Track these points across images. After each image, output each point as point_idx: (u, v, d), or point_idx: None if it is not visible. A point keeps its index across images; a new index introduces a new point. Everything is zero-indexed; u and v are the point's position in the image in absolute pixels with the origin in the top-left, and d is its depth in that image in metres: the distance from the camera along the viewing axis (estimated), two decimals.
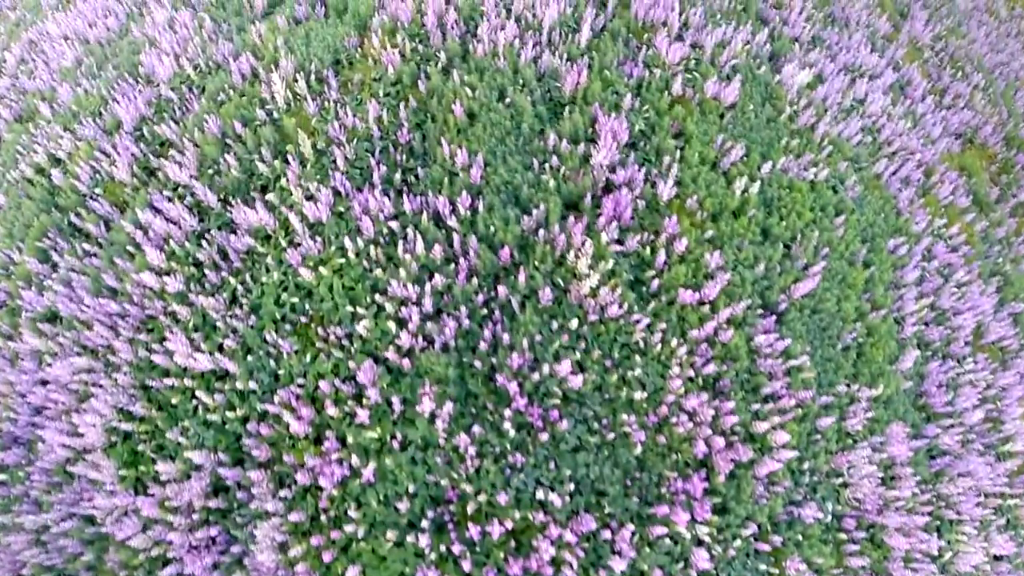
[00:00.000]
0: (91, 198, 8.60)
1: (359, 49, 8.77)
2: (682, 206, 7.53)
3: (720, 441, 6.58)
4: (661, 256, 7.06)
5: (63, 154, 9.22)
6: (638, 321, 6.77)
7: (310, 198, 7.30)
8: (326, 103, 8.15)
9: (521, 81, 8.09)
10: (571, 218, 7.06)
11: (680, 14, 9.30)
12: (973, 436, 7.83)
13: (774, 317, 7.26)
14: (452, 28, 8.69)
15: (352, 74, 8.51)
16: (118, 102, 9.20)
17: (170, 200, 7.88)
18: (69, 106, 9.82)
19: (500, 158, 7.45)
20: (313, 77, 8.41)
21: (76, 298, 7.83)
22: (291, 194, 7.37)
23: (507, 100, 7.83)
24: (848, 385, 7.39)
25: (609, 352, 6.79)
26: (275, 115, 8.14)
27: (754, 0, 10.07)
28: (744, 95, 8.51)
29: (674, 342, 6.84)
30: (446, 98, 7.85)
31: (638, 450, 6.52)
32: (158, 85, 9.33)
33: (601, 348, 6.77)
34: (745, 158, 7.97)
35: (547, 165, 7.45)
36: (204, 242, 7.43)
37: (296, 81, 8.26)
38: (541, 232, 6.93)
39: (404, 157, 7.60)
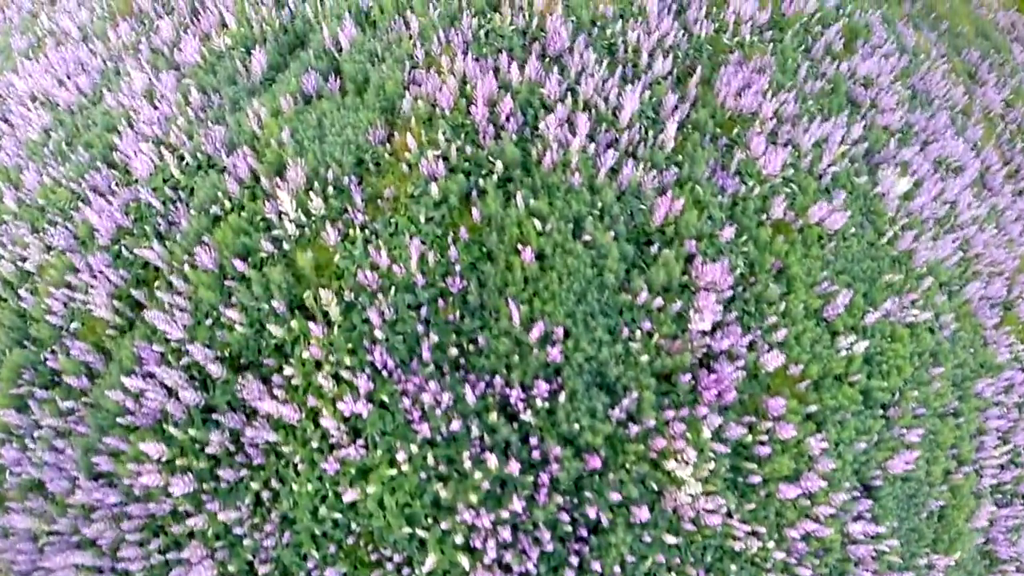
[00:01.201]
0: (67, 333, 6.03)
1: (388, 145, 6.02)
2: (786, 375, 5.65)
3: None
4: (764, 446, 5.29)
5: (32, 266, 6.48)
6: (736, 526, 5.14)
7: (339, 378, 5.02)
8: (351, 229, 5.59)
9: (600, 205, 5.68)
10: (668, 410, 5.10)
11: (771, 97, 6.75)
12: None
13: (869, 500, 5.75)
14: (507, 121, 5.97)
15: (381, 183, 5.85)
16: (90, 204, 6.32)
17: (163, 357, 5.45)
18: (36, 198, 6.91)
19: (581, 322, 5.27)
20: (331, 187, 5.72)
21: (66, 472, 5.57)
22: (316, 368, 5.07)
23: (586, 236, 5.47)
24: (928, 553, 6.13)
25: (702, 558, 5.21)
26: (285, 246, 5.55)
27: (842, 78, 7.55)
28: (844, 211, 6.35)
29: (771, 544, 5.29)
30: (508, 233, 5.42)
31: None
32: (136, 181, 6.40)
33: (694, 556, 5.17)
34: (849, 302, 6.00)
35: (637, 329, 5.32)
36: (212, 425, 5.18)
37: (310, 197, 5.57)
38: (633, 427, 4.99)
39: (458, 314, 5.31)
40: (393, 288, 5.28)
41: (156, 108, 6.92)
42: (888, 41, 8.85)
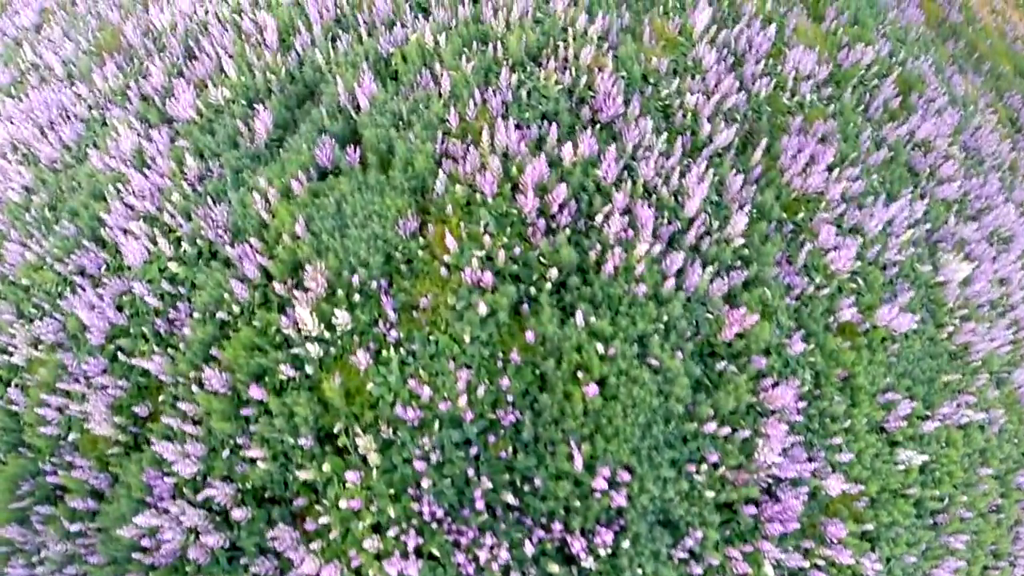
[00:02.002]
0: (66, 443, 4.93)
1: (421, 238, 4.80)
2: (846, 494, 4.93)
3: None
4: (820, 571, 4.66)
5: (20, 359, 5.31)
6: None
7: (380, 528, 4.11)
8: (383, 349, 4.50)
9: (666, 318, 4.66)
10: (731, 548, 4.37)
11: (837, 173, 5.65)
12: None
13: None
14: (560, 211, 4.78)
15: (416, 289, 4.72)
16: (79, 291, 5.07)
17: (177, 488, 4.44)
18: (19, 276, 5.66)
19: (646, 459, 4.45)
20: (357, 294, 4.55)
21: None
22: (353, 519, 4.14)
23: (652, 360, 4.51)
24: None
25: None
26: (308, 369, 4.44)
27: (902, 145, 6.63)
28: (909, 310, 5.49)
29: None
30: (567, 358, 4.42)
31: None
32: (128, 268, 5.10)
33: None
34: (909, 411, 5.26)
35: (702, 461, 4.49)
36: (240, 568, 4.28)
37: (334, 310, 4.40)
38: (695, 566, 4.27)
39: (510, 450, 4.38)
40: (437, 422, 4.30)
41: (147, 176, 5.50)
42: (941, 93, 7.70)
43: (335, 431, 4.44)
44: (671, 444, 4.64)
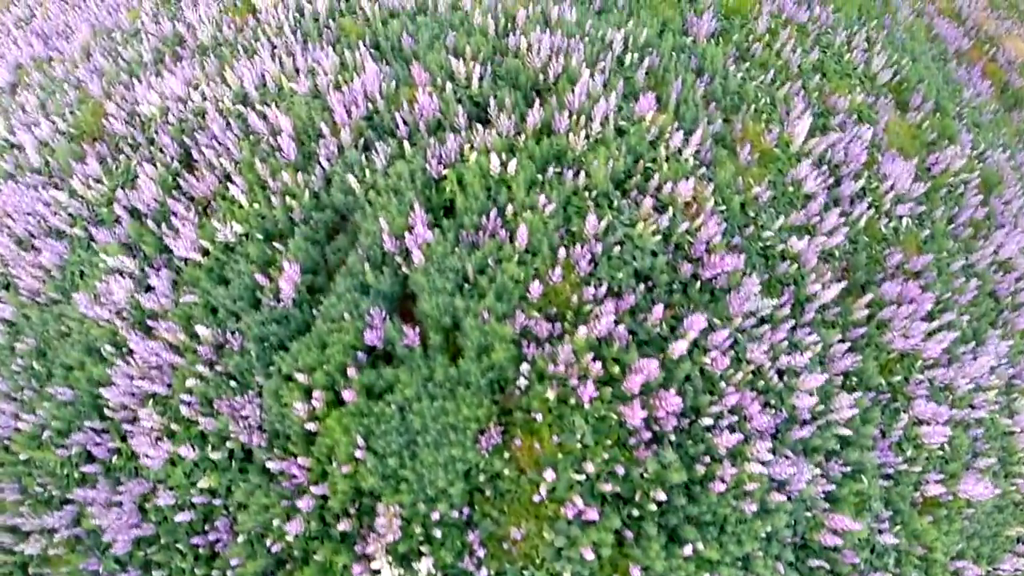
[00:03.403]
0: None
1: (505, 452, 3.86)
2: None
3: None
4: None
5: (34, 549, 4.27)
6: None
7: None
8: None
9: (770, 529, 4.10)
10: None
11: (932, 325, 4.94)
12: None
13: None
14: (667, 416, 3.88)
15: (504, 515, 3.88)
16: (91, 487, 4.06)
17: None
18: (15, 447, 4.42)
19: None
20: (436, 529, 3.68)
21: None
22: None
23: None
24: None
25: None
26: None
27: (988, 275, 6.01)
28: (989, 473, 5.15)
29: None
30: None
31: None
32: (146, 471, 4.00)
33: None
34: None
35: None
36: None
37: (412, 550, 3.50)
38: None
39: None
40: None
41: (149, 345, 4.11)
42: (1018, 193, 6.98)
43: None
44: None
